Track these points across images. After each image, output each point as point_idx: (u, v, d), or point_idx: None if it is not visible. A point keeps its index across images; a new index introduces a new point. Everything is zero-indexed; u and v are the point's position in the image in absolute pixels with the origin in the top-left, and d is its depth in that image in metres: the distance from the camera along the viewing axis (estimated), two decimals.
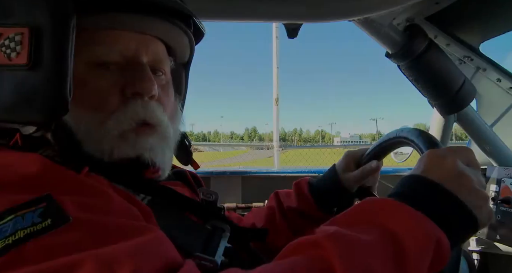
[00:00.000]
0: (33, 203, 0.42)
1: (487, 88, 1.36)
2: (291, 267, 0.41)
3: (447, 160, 0.52)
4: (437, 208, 0.48)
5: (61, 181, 0.47)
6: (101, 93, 0.58)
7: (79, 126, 0.57)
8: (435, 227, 0.45)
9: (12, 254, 0.38)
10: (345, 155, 0.90)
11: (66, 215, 0.41)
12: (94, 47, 0.58)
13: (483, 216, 0.50)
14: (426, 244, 0.43)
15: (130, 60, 0.61)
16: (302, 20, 1.13)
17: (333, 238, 0.43)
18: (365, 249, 0.42)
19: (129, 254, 0.39)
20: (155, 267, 0.40)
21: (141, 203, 0.55)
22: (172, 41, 0.68)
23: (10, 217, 0.40)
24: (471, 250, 1.37)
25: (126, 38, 0.60)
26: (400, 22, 1.18)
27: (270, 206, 0.93)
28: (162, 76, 0.67)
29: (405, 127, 0.76)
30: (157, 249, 0.43)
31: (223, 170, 1.94)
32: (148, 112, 0.60)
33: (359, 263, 0.40)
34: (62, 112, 0.51)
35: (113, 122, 0.58)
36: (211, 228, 0.63)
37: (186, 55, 0.75)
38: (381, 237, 0.44)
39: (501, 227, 1.15)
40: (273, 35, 7.17)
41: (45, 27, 0.48)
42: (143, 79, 0.60)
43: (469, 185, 0.50)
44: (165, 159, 0.64)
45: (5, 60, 0.49)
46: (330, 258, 0.40)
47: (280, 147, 7.63)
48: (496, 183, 1.21)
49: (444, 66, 1.20)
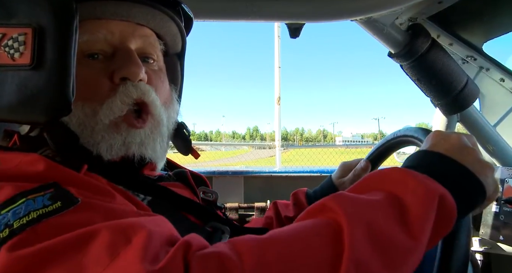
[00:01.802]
0: (42, 188, 0.44)
1: (490, 88, 1.36)
2: (299, 226, 0.43)
3: (452, 135, 0.55)
4: (442, 172, 0.49)
5: (64, 178, 0.47)
6: (90, 82, 0.59)
7: (72, 120, 0.57)
8: (437, 184, 0.46)
9: (27, 232, 0.39)
10: (340, 165, 0.92)
11: (74, 197, 0.43)
12: (79, 38, 0.57)
13: (488, 184, 0.51)
14: (428, 200, 0.44)
15: (117, 47, 0.61)
16: (304, 19, 1.12)
17: (338, 198, 0.45)
18: (369, 207, 0.43)
19: (141, 223, 0.40)
20: (166, 235, 0.41)
21: (141, 202, 0.55)
22: (159, 28, 0.68)
23: (22, 200, 0.42)
24: (474, 250, 1.36)
25: (110, 26, 0.61)
26: (403, 21, 1.17)
27: (268, 216, 0.94)
28: (154, 63, 0.67)
29: (401, 128, 0.76)
30: (164, 224, 0.45)
31: (225, 170, 1.94)
32: (140, 91, 0.60)
33: (364, 218, 0.41)
34: (65, 112, 0.51)
35: (105, 110, 0.58)
36: (210, 230, 0.64)
37: (178, 44, 0.74)
38: (384, 197, 0.45)
39: (504, 227, 1.14)
40: (275, 34, 7.17)
41: (49, 27, 0.49)
42: (130, 63, 0.60)
43: (475, 155, 0.52)
44: (156, 150, 0.64)
45: (9, 60, 0.49)
46: (335, 215, 0.42)
47: (282, 146, 7.62)
48: (500, 184, 1.20)
49: (447, 66, 1.19)
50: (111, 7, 0.60)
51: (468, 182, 0.49)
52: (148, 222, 0.42)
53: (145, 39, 0.65)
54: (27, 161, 0.48)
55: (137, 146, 0.60)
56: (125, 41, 0.62)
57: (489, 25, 1.28)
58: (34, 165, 0.48)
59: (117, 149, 0.59)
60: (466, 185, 0.49)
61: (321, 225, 0.42)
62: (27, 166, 0.48)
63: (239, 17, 1.11)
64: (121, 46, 0.62)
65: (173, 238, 0.42)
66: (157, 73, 0.67)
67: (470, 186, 0.49)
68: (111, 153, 0.59)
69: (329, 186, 0.90)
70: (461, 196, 0.47)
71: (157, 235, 0.40)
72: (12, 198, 0.42)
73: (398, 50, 1.20)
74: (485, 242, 1.31)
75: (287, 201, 0.94)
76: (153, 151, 0.63)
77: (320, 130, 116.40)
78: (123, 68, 0.60)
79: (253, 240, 0.40)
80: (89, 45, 0.59)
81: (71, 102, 0.51)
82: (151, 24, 0.66)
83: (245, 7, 1.06)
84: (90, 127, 0.58)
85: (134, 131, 0.60)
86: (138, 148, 0.60)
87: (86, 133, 0.58)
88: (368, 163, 0.86)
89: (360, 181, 0.51)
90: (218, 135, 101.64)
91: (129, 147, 0.60)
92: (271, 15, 1.11)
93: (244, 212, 1.85)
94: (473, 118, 1.31)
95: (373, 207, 0.43)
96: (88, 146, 0.58)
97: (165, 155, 0.69)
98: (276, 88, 7.12)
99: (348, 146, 14.11)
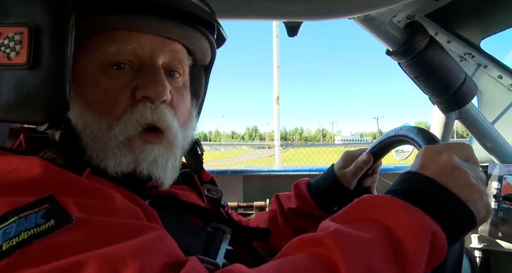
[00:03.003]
0: (36, 204, 0.42)
1: (488, 85, 1.36)
2: (295, 265, 0.42)
3: (442, 155, 0.52)
4: (432, 202, 0.48)
5: (62, 183, 0.46)
6: (111, 94, 0.56)
7: (86, 131, 0.56)
8: (430, 220, 0.46)
9: (16, 255, 0.38)
10: (343, 155, 0.91)
11: (69, 215, 0.42)
12: (107, 46, 0.56)
13: (478, 209, 0.50)
14: (422, 238, 0.44)
15: (145, 61, 0.59)
16: (302, 18, 1.13)
17: (335, 236, 0.43)
18: (366, 247, 0.42)
19: (133, 252, 0.39)
20: (160, 264, 0.40)
21: (145, 203, 0.54)
22: (191, 44, 0.66)
23: (13, 218, 0.40)
24: (473, 247, 1.36)
25: (141, 38, 0.58)
26: (401, 19, 1.17)
27: (272, 210, 0.93)
28: (179, 78, 0.64)
29: (404, 125, 0.76)
30: (160, 246, 0.43)
31: (224, 169, 1.94)
32: (156, 116, 0.58)
33: (361, 260, 0.41)
34: (63, 111, 0.51)
35: (120, 127, 0.56)
36: (212, 230, 0.63)
37: (207, 59, 0.72)
38: (379, 233, 0.44)
39: (503, 224, 1.14)
40: (274, 34, 7.17)
41: (44, 26, 0.48)
42: (156, 83, 0.57)
43: (464, 179, 0.50)
44: (167, 170, 0.61)
45: (5, 60, 0.49)
46: (333, 256, 0.41)
47: (281, 146, 7.64)
48: (498, 180, 1.20)
49: (445, 63, 1.19)
50: (145, 21, 0.58)
51: (457, 211, 0.48)
52: (142, 248, 0.40)
53: (174, 54, 0.62)
54: (25, 166, 0.47)
55: (148, 164, 0.58)
56: (154, 55, 0.59)
57: (487, 22, 1.28)
58: (31, 170, 0.46)
59: (125, 166, 0.57)
60: (455, 215, 0.48)
61: (317, 267, 0.41)
62: (23, 172, 0.46)
63: (237, 16, 1.11)
64: (149, 61, 0.59)
65: (170, 262, 0.41)
66: (180, 91, 0.64)
67: (460, 216, 0.49)
68: (117, 169, 0.56)
69: (330, 177, 0.88)
70: (451, 226, 0.47)
71: (150, 267, 0.38)
72: (3, 215, 0.41)
73: (396, 47, 1.20)
74: (484, 239, 1.31)
75: (289, 193, 0.94)
76: (163, 171, 0.60)
77: (319, 129, 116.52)
78: (149, 87, 0.57)
79: None
80: (117, 55, 0.57)
81: (69, 101, 0.51)
82: (184, 40, 0.64)
83: (243, 6, 1.06)
84: (103, 143, 0.56)
85: (149, 147, 0.58)
86: (149, 167, 0.58)
87: (98, 147, 0.56)
88: (370, 156, 0.84)
89: (350, 206, 0.51)
90: (217, 135, 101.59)
91: (139, 165, 0.57)
92: (269, 13, 1.11)
93: (243, 212, 1.85)
94: (471, 115, 1.31)
95: (370, 246, 0.43)
96: (95, 159, 0.56)
97: (175, 175, 0.65)
98: (275, 87, 7.12)
99: (347, 145, 14.11)
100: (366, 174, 0.88)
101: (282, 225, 0.89)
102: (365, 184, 0.89)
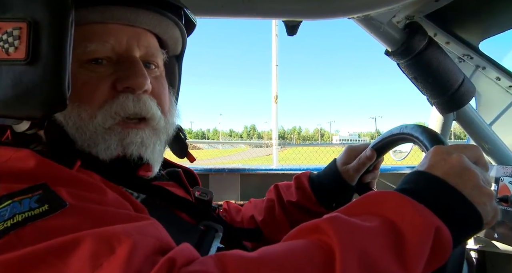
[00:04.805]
0: (30, 190, 0.43)
1: (486, 86, 1.36)
2: (290, 247, 0.42)
3: (453, 156, 0.52)
4: (439, 201, 0.48)
5: (55, 175, 0.47)
6: (90, 85, 0.58)
7: (67, 122, 0.57)
8: (434, 216, 0.45)
9: (11, 236, 0.38)
10: (346, 149, 0.90)
11: (62, 200, 0.42)
12: (86, 43, 0.58)
13: (487, 212, 0.49)
14: (425, 232, 0.43)
15: (122, 55, 0.61)
16: (301, 17, 1.12)
17: (333, 221, 0.43)
18: (365, 234, 0.42)
19: (127, 232, 0.40)
20: (152, 246, 0.41)
21: (135, 200, 0.55)
22: (163, 33, 0.68)
23: (8, 202, 0.41)
24: (469, 248, 1.37)
25: (118, 33, 0.60)
26: (400, 20, 1.17)
27: (269, 199, 0.92)
28: (155, 69, 0.67)
29: (409, 124, 0.75)
30: (153, 231, 0.43)
31: (221, 167, 1.94)
32: (140, 106, 0.60)
33: (357, 245, 0.41)
34: (61, 106, 0.51)
35: (101, 116, 0.58)
36: (203, 228, 0.63)
37: (178, 47, 0.75)
38: (381, 224, 0.44)
39: (499, 225, 1.15)
40: (273, 33, 7.17)
41: (44, 22, 0.48)
42: (136, 74, 0.59)
43: (474, 181, 0.50)
44: (155, 153, 0.63)
45: (3, 55, 0.49)
46: (328, 239, 0.41)
47: (279, 145, 7.64)
48: (495, 182, 1.21)
49: (444, 64, 1.20)
50: (119, 13, 0.60)
51: (465, 212, 0.48)
52: (136, 229, 0.41)
53: (148, 50, 0.65)
54: (18, 157, 0.48)
55: (136, 146, 0.60)
56: (130, 49, 0.62)
57: (486, 23, 1.28)
58: (24, 161, 0.47)
59: (114, 149, 0.58)
60: (463, 215, 0.48)
61: (313, 250, 0.41)
62: (17, 163, 0.47)
63: (236, 14, 1.11)
64: (126, 54, 0.61)
65: (162, 246, 0.42)
66: (159, 80, 0.67)
67: (467, 217, 0.48)
68: (107, 153, 0.58)
69: (333, 172, 0.88)
70: (457, 226, 0.47)
71: (143, 246, 0.39)
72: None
73: (395, 48, 1.20)
74: (480, 240, 1.32)
75: (288, 182, 0.93)
76: (152, 153, 0.62)
77: (317, 128, 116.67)
78: (130, 78, 0.59)
79: (242, 259, 0.40)
80: (96, 53, 0.59)
81: (67, 97, 0.51)
82: (157, 29, 0.66)
83: (242, 4, 1.06)
84: (89, 132, 0.58)
85: (134, 131, 0.60)
86: (138, 148, 0.60)
87: (85, 136, 0.58)
88: (373, 151, 0.84)
89: (356, 201, 0.51)
90: (216, 134, 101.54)
91: (128, 147, 0.59)
92: (268, 12, 1.11)
93: None
94: (469, 116, 1.32)
95: (369, 233, 0.43)
96: (85, 148, 0.58)
97: (161, 159, 0.68)
98: (273, 86, 7.13)
99: (345, 145, 14.09)
100: (367, 169, 0.87)
101: (279, 217, 0.88)
102: (365, 180, 0.89)
